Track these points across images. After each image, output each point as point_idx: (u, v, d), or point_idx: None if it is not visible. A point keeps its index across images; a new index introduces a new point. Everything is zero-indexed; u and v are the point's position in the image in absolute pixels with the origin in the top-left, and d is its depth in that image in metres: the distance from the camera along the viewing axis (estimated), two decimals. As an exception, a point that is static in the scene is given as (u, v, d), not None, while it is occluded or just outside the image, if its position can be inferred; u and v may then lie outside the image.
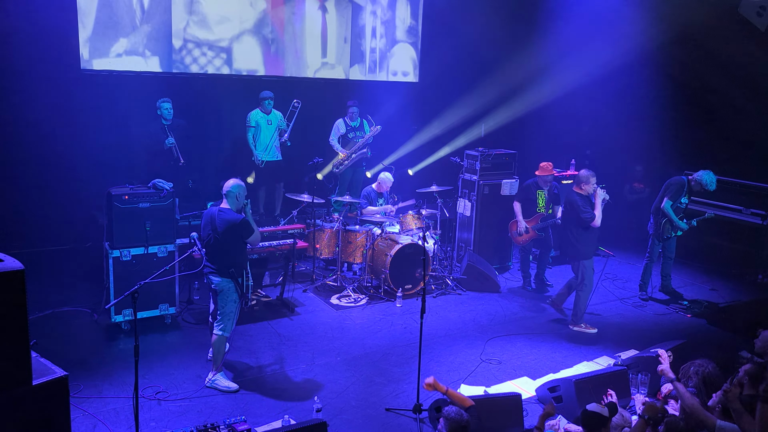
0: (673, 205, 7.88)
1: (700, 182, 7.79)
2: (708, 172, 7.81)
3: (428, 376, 4.81)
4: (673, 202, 7.88)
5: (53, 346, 6.01)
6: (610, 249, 10.17)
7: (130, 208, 6.41)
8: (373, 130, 9.53)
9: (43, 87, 8.25)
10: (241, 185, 5.73)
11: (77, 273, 7.94)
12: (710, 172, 7.81)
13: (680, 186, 7.90)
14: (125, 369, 5.72)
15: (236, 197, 5.66)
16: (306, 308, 7.44)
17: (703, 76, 9.97)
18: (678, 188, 7.90)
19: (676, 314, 7.88)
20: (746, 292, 8.73)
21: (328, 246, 8.20)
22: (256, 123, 9.05)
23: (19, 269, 3.53)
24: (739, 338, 6.74)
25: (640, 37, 10.30)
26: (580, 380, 5.30)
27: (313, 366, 6.08)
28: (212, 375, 5.62)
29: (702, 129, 10.07)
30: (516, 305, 7.90)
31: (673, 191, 7.90)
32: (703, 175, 7.79)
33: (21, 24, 8.03)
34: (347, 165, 9.53)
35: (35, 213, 8.48)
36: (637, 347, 6.67)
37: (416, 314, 5.64)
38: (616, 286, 8.75)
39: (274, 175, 9.42)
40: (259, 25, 9.78)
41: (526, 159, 9.35)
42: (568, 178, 9.61)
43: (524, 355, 6.55)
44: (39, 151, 8.44)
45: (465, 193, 9.04)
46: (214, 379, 5.60)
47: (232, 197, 5.65)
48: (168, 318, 6.73)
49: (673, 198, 7.89)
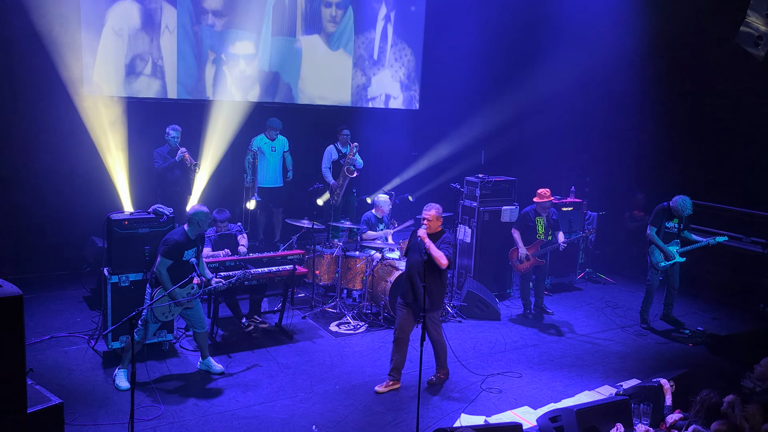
0: (658, 231, 7.99)
1: (675, 207, 7.90)
2: (684, 197, 7.90)
3: (428, 404, 4.76)
4: (656, 228, 7.99)
5: (49, 373, 5.98)
6: (611, 276, 10.17)
7: (130, 233, 6.39)
8: (352, 147, 9.51)
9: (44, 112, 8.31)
10: (202, 212, 5.94)
11: (75, 299, 7.90)
12: (686, 197, 7.89)
13: (661, 211, 8.02)
14: (121, 396, 5.66)
15: (197, 224, 5.93)
16: (305, 335, 7.39)
17: (704, 105, 10.04)
18: (658, 214, 8.02)
19: (678, 343, 7.82)
20: (747, 321, 8.68)
21: (328, 272, 8.17)
22: (258, 148, 9.10)
23: (17, 295, 3.51)
24: (741, 367, 6.68)
25: (642, 67, 10.41)
26: (582, 410, 5.24)
27: (312, 394, 6.01)
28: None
29: (702, 158, 10.11)
30: (516, 333, 7.84)
31: (653, 217, 8.06)
32: (677, 199, 7.89)
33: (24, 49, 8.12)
34: (340, 193, 9.54)
35: (33, 238, 8.48)
36: (638, 376, 6.61)
37: (416, 342, 5.60)
38: (617, 314, 8.70)
39: (273, 201, 9.44)
40: (260, 50, 9.89)
41: (526, 186, 9.37)
42: (569, 205, 9.64)
43: (525, 384, 6.49)
44: (38, 176, 8.48)
45: (465, 219, 9.04)
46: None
47: (194, 223, 5.93)
48: (165, 345, 6.68)
49: (654, 224, 8.01)
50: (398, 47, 11.28)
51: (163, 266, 5.83)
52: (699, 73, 9.97)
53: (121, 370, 5.90)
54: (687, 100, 10.26)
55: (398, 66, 11.35)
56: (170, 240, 5.88)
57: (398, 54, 11.30)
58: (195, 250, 6.02)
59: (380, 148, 9.92)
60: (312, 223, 8.13)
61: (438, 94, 11.58)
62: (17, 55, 8.15)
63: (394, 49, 11.24)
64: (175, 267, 5.89)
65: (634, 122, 10.93)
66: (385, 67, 11.20)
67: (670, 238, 8.03)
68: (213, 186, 9.36)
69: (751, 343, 7.59)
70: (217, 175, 9.47)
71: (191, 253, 5.95)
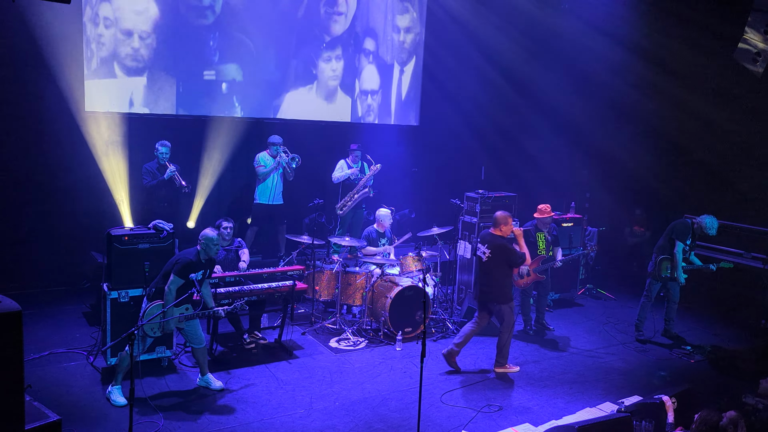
0: (684, 248, 7.93)
1: (702, 226, 7.88)
2: (711, 216, 7.89)
3: (429, 422, 4.72)
4: (684, 244, 7.93)
5: (47, 389, 5.95)
6: (611, 292, 10.15)
7: (130, 249, 6.38)
8: (373, 168, 9.56)
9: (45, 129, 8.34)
10: (206, 236, 6.03)
11: (74, 314, 7.88)
12: (713, 217, 7.88)
13: (686, 228, 7.97)
14: (119, 412, 5.63)
15: (204, 248, 6.03)
16: (304, 351, 7.36)
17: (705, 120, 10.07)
18: (684, 230, 7.95)
19: (679, 359, 7.79)
20: (749, 337, 8.65)
21: (328, 288, 8.16)
22: (264, 164, 9.06)
23: (17, 311, 3.50)
24: (743, 384, 6.65)
25: (642, 82, 10.47)
26: (583, 427, 5.20)
27: (311, 411, 5.97)
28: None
29: (702, 173, 10.13)
30: (517, 349, 7.80)
31: (680, 233, 7.94)
32: (705, 218, 7.88)
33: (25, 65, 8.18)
34: (350, 206, 9.54)
35: (33, 253, 8.48)
36: (640, 393, 6.56)
37: (416, 358, 5.58)
38: (618, 330, 8.66)
39: (277, 219, 9.43)
40: (265, 68, 9.95)
41: (527, 202, 9.38)
42: (569, 221, 9.64)
43: (526, 400, 6.45)
44: (38, 191, 8.50)
45: (465, 235, 9.03)
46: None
47: (203, 247, 6.03)
48: (164, 361, 6.65)
49: (683, 240, 7.92)
50: (398, 63, 11.34)
51: (175, 285, 5.86)
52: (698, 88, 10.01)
53: (115, 387, 5.88)
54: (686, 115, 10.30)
55: (397, 82, 11.41)
56: (184, 259, 5.91)
57: (398, 70, 11.37)
58: (201, 273, 6.04)
59: (381, 163, 9.93)
60: (312, 238, 8.13)
61: (437, 110, 11.63)
62: (18, 71, 8.21)
63: (394, 65, 11.31)
64: (183, 287, 5.91)
65: (634, 137, 10.96)
66: (384, 83, 11.25)
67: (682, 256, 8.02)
68: (212, 205, 9.36)
69: (753, 359, 7.55)
70: (217, 192, 9.49)
71: (198, 275, 5.97)
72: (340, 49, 10.63)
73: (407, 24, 11.34)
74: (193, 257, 5.96)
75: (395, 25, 11.20)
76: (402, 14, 11.23)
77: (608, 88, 10.81)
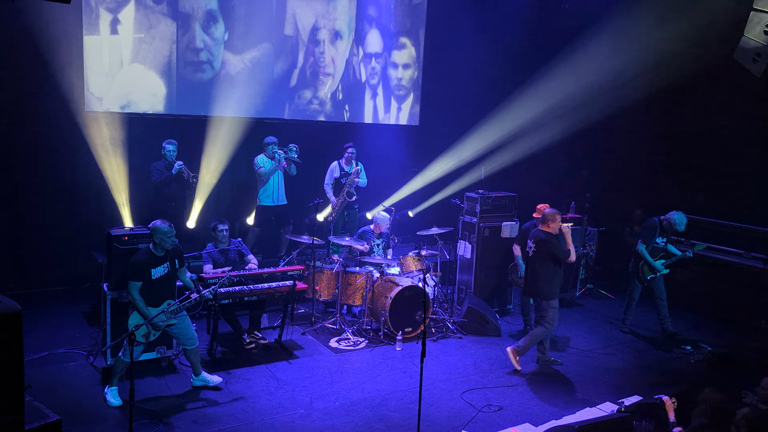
0: (647, 247, 8.18)
1: (671, 222, 8.07)
2: (679, 212, 8.09)
3: (429, 422, 4.72)
4: (646, 245, 8.18)
5: (47, 389, 5.94)
6: (611, 292, 10.14)
7: (130, 249, 6.38)
8: (355, 169, 9.53)
9: (45, 128, 8.34)
10: (156, 228, 5.86)
11: (74, 314, 7.88)
12: (681, 213, 8.09)
13: (652, 228, 8.20)
14: (119, 413, 5.63)
15: (158, 240, 5.86)
16: (304, 351, 7.36)
17: (704, 121, 10.07)
18: (650, 230, 8.20)
19: (679, 359, 7.79)
20: (749, 336, 8.64)
21: (328, 288, 8.15)
22: (264, 165, 9.05)
23: (17, 311, 3.50)
24: (743, 383, 6.64)
25: (641, 82, 10.45)
26: (583, 427, 5.19)
27: (312, 411, 5.97)
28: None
29: (702, 173, 10.12)
30: (517, 349, 7.80)
31: (644, 234, 8.24)
32: (674, 215, 8.08)
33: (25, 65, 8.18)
34: (338, 210, 9.51)
35: (33, 253, 8.48)
36: (640, 393, 6.56)
37: (416, 358, 5.58)
38: (617, 330, 8.65)
39: (283, 219, 9.42)
40: (263, 68, 9.95)
41: (526, 201, 9.37)
42: (569, 221, 9.61)
43: (526, 400, 6.44)
44: (38, 192, 8.50)
45: (465, 235, 9.03)
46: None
47: (158, 241, 5.86)
48: (164, 361, 6.65)
49: (645, 241, 8.19)
50: (399, 64, 11.35)
51: (134, 290, 5.77)
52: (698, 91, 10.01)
53: (111, 388, 5.83)
54: (686, 115, 10.30)
55: (398, 82, 11.41)
56: (133, 262, 5.85)
57: (398, 70, 11.37)
58: (167, 266, 5.95)
59: (380, 163, 9.93)
60: (312, 238, 8.13)
61: (438, 110, 11.62)
62: (19, 71, 8.20)
63: (394, 66, 11.31)
64: (146, 287, 5.83)
65: (634, 138, 10.95)
66: (384, 83, 11.25)
67: (658, 252, 8.26)
68: (212, 203, 9.37)
69: (753, 359, 7.55)
70: (217, 191, 9.49)
71: (161, 270, 5.90)
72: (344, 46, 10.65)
73: (409, 26, 11.34)
74: (143, 256, 5.87)
75: (395, 26, 11.20)
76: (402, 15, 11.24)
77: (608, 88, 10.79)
